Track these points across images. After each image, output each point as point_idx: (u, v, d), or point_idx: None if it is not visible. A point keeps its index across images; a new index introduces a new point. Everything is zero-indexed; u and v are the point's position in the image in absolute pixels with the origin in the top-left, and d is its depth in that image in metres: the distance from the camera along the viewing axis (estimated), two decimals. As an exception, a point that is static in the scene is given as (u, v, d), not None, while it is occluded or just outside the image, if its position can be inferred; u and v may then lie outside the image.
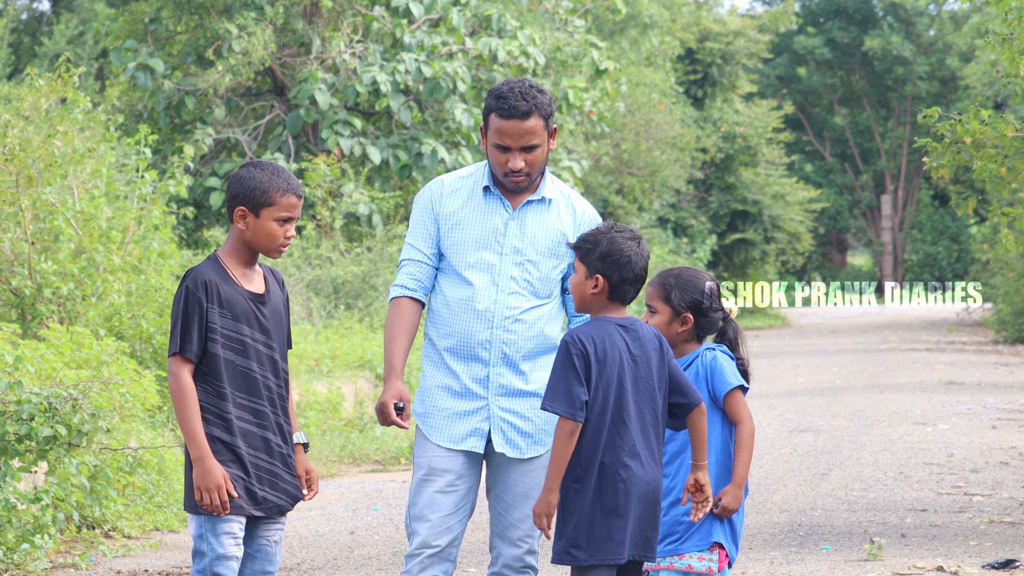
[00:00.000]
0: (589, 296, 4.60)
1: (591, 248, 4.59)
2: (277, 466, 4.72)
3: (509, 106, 4.83)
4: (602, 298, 4.59)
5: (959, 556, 7.43)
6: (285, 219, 4.74)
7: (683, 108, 31.41)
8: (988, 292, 28.26)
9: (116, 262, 9.94)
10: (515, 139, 4.86)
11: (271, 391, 4.73)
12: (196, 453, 4.59)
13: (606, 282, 4.56)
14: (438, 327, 4.94)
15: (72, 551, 7.73)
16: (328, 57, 17.02)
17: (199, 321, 4.62)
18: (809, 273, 44.77)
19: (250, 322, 4.70)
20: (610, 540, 4.48)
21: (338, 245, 16.58)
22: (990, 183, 8.90)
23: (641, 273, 4.59)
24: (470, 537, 8.06)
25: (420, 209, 5.01)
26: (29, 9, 28.50)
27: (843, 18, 45.54)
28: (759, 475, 10.25)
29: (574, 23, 19.62)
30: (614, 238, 4.57)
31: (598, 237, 4.59)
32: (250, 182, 4.71)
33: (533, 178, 4.92)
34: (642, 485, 4.50)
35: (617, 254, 4.55)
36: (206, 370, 4.65)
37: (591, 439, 4.50)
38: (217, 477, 4.57)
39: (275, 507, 4.72)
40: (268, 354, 4.73)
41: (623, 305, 4.61)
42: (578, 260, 4.62)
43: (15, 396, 6.98)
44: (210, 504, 4.58)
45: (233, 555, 4.65)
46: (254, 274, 4.79)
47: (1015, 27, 9.04)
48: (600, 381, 4.50)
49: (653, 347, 4.60)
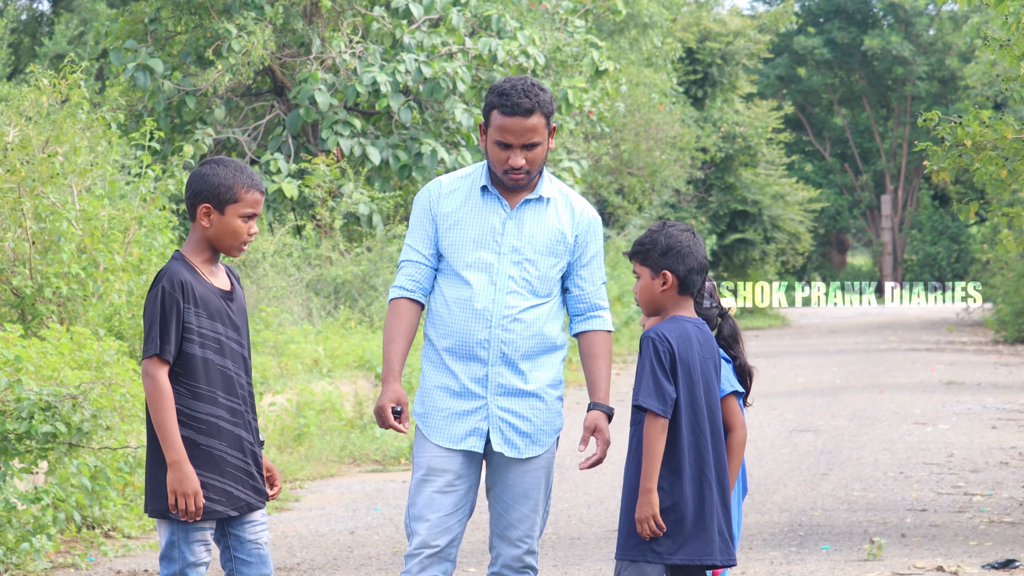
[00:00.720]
0: (659, 294, 4.70)
1: (650, 248, 4.70)
2: (249, 464, 4.69)
3: (512, 103, 4.84)
4: (672, 293, 4.69)
5: (959, 556, 7.43)
6: (249, 215, 4.72)
7: (683, 108, 31.40)
8: (988, 292, 28.27)
9: (117, 262, 9.95)
10: (517, 136, 4.86)
11: (244, 388, 4.72)
12: (173, 457, 4.53)
13: (674, 276, 4.67)
14: (437, 327, 4.94)
15: (72, 551, 7.74)
16: (328, 57, 17.02)
17: (176, 322, 4.58)
18: (809, 273, 44.77)
19: (223, 320, 4.68)
20: (701, 538, 4.57)
21: (338, 245, 16.58)
22: (990, 185, 8.89)
23: (704, 261, 4.71)
24: (470, 537, 8.07)
25: (419, 210, 5.02)
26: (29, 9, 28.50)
27: (843, 18, 45.53)
28: (759, 475, 10.25)
29: (574, 23, 19.61)
30: (670, 232, 4.69)
31: (655, 236, 4.71)
32: (214, 179, 4.68)
33: (532, 176, 4.93)
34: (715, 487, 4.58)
35: (678, 246, 4.67)
36: (180, 371, 4.61)
37: (680, 438, 4.57)
38: (194, 483, 4.53)
39: (246, 504, 4.69)
40: (240, 352, 4.72)
41: (692, 298, 4.71)
42: (639, 264, 4.72)
43: (15, 394, 6.98)
44: (184, 511, 4.54)
45: (204, 562, 4.65)
46: (219, 271, 4.78)
47: (1013, 32, 9.04)
48: (683, 379, 4.59)
49: (714, 348, 4.73)
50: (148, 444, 4.66)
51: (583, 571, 7.29)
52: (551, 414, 4.96)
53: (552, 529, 8.44)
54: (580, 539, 8.18)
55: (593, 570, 7.30)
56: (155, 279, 4.67)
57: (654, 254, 4.67)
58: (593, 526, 8.59)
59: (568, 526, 8.59)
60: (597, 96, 18.82)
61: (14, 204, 9.74)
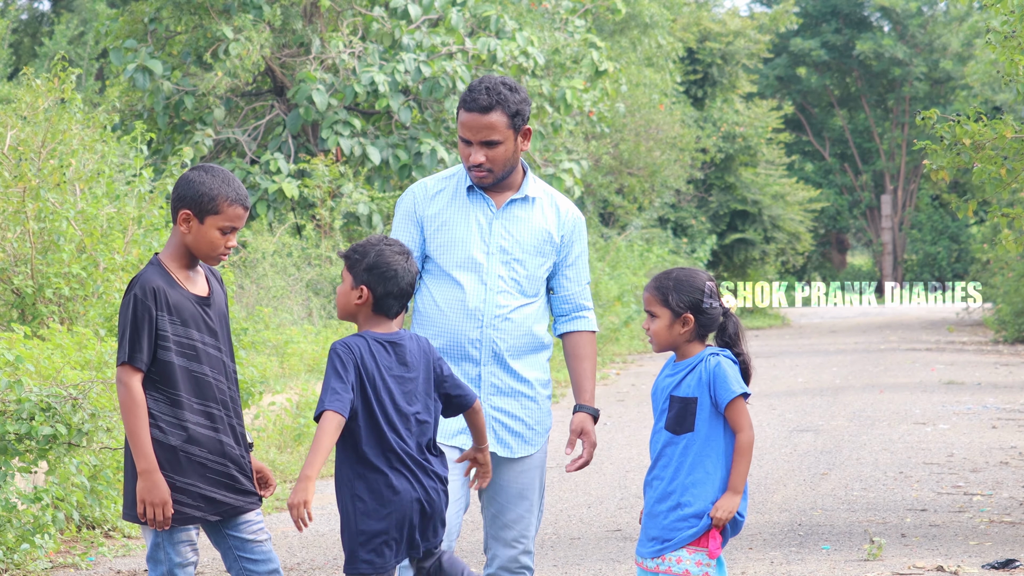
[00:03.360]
0: (353, 306, 4.59)
1: (359, 259, 4.57)
2: (231, 468, 4.68)
3: (471, 99, 4.85)
4: (366, 309, 4.58)
5: (959, 556, 7.43)
6: (229, 229, 4.69)
7: (683, 108, 31.40)
8: (988, 292, 28.27)
9: (117, 261, 9.95)
10: (474, 132, 4.85)
11: (223, 393, 4.70)
12: (144, 466, 4.53)
13: (370, 293, 4.56)
14: (426, 328, 4.93)
15: (72, 551, 7.74)
16: (327, 57, 17.02)
17: (148, 330, 4.57)
18: (809, 273, 44.77)
19: (199, 326, 4.66)
20: None
21: (338, 245, 16.58)
22: (989, 185, 8.89)
23: (407, 288, 4.56)
24: (469, 537, 8.06)
25: (402, 213, 5.01)
26: (29, 9, 28.51)
27: (838, 20, 45.53)
28: (759, 475, 10.25)
29: (574, 23, 19.61)
30: (382, 250, 4.55)
31: (367, 248, 4.57)
32: (199, 187, 4.65)
33: (497, 175, 4.90)
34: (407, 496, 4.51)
35: (384, 267, 4.54)
36: (157, 378, 4.60)
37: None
38: (164, 493, 4.53)
39: (232, 509, 4.68)
40: (218, 356, 4.70)
41: (389, 319, 4.59)
42: (345, 269, 4.60)
43: (15, 395, 6.98)
44: (152, 520, 4.54)
45: (191, 561, 4.65)
46: (197, 276, 4.75)
47: (1016, 26, 9.04)
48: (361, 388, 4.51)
49: (423, 362, 4.59)
50: (126, 452, 4.66)
51: (583, 571, 7.29)
52: (542, 413, 4.98)
53: (552, 529, 8.44)
54: (580, 539, 8.18)
55: (593, 570, 7.30)
56: (129, 285, 4.65)
57: (360, 266, 4.56)
58: (593, 526, 8.58)
59: (568, 526, 8.59)
60: (597, 96, 18.82)
61: (18, 206, 9.74)
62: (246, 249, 15.19)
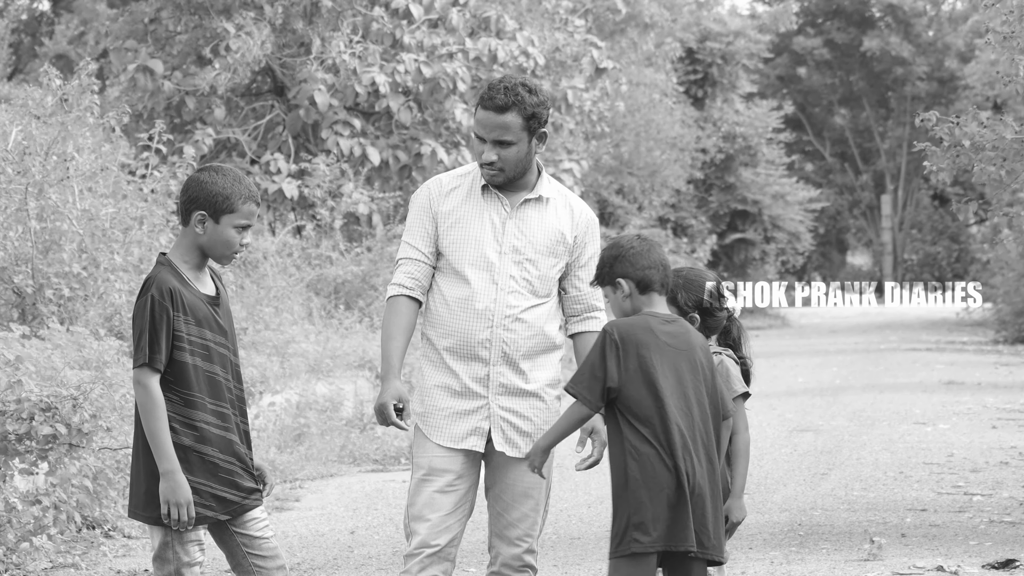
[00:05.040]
0: None
1: None
2: (236, 466, 4.70)
3: (489, 97, 4.84)
4: None
5: (959, 556, 7.43)
6: (244, 226, 4.72)
7: (683, 108, 31.40)
8: (988, 292, 28.26)
9: (117, 261, 9.95)
10: (488, 131, 4.84)
11: (232, 392, 4.72)
12: (166, 467, 4.54)
13: None
14: (436, 327, 4.92)
15: (72, 551, 7.73)
16: (328, 57, 17.01)
17: (167, 331, 4.58)
18: (809, 273, 44.76)
19: (211, 326, 4.68)
20: None
21: (338, 245, 16.58)
22: (989, 186, 8.88)
23: None
24: (470, 537, 8.06)
25: (418, 208, 4.99)
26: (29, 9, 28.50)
27: (841, 19, 45.52)
28: (759, 475, 10.25)
29: (574, 23, 19.61)
30: None
31: None
32: (212, 187, 4.67)
33: (508, 176, 4.89)
34: None
35: None
36: (172, 379, 4.61)
37: None
38: (187, 492, 4.54)
39: (239, 507, 4.70)
40: (227, 356, 4.72)
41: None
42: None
43: (15, 395, 6.98)
44: (176, 519, 4.55)
45: (198, 561, 4.66)
46: (205, 277, 4.77)
47: (1016, 26, 9.04)
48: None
49: None
50: (135, 451, 4.67)
51: (583, 571, 7.29)
52: (550, 413, 4.96)
53: (552, 529, 8.44)
54: (580, 539, 8.18)
55: (593, 570, 7.30)
56: (143, 287, 4.66)
57: None
58: (593, 526, 8.58)
59: (568, 526, 8.59)
60: (597, 96, 18.83)
61: (20, 204, 9.74)
62: (246, 249, 15.19)
